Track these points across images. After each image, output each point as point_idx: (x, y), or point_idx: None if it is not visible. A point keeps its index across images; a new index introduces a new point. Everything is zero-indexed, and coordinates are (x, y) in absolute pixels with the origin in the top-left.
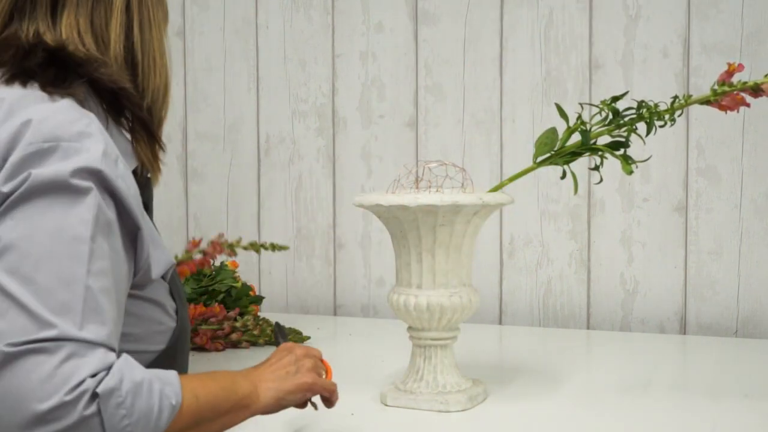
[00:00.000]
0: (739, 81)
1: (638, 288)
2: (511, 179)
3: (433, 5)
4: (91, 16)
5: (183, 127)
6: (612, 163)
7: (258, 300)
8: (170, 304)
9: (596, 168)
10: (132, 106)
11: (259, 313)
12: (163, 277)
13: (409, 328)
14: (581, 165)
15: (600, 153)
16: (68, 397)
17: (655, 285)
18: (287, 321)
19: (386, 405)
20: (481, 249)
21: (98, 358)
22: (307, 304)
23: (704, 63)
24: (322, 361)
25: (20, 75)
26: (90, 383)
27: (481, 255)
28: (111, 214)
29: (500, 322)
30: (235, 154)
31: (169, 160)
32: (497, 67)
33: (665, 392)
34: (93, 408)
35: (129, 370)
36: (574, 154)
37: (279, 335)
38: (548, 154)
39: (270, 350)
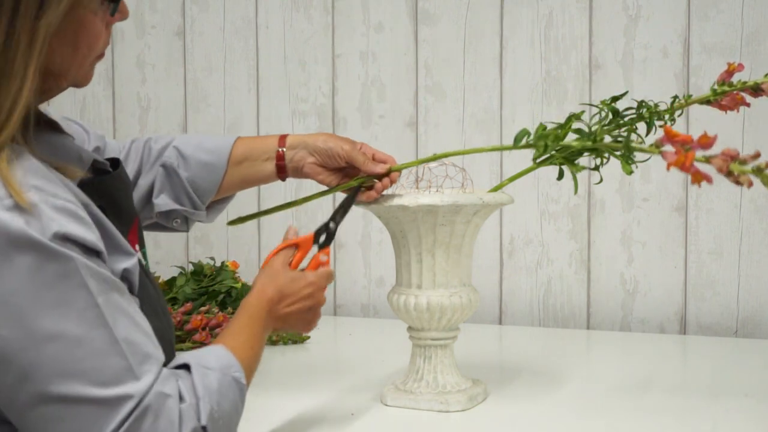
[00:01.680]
0: (739, 81)
1: (638, 288)
2: (511, 179)
3: (433, 5)
4: None
5: (183, 127)
6: (612, 164)
7: None
8: None
9: (596, 168)
10: None
11: None
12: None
13: (409, 328)
14: (582, 165)
15: (601, 153)
16: None
17: (655, 285)
18: None
19: (386, 405)
20: (481, 249)
21: (173, 387)
22: None
23: (704, 63)
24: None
25: None
26: (191, 420)
27: (481, 255)
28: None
29: (500, 322)
30: None
31: None
32: (497, 67)
33: (665, 392)
34: None
35: (202, 381)
36: (574, 154)
37: (340, 211)
38: (548, 155)
39: (273, 349)
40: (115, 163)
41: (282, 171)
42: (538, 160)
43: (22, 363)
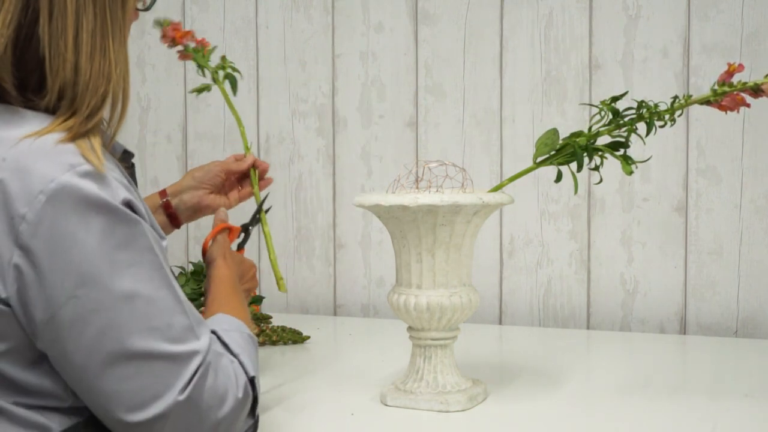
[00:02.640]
0: (739, 81)
1: (638, 288)
2: (511, 179)
3: (433, 5)
4: None
5: (183, 127)
6: (612, 164)
7: (258, 300)
8: None
9: (596, 168)
10: (13, 100)
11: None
12: None
13: (409, 328)
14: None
15: (600, 153)
16: (240, 394)
17: (655, 285)
18: (287, 321)
19: (386, 405)
20: (481, 249)
21: (221, 347)
22: (307, 304)
23: (704, 63)
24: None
25: None
26: (242, 374)
27: (481, 255)
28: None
29: (500, 322)
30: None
31: (170, 160)
32: (497, 67)
33: (665, 392)
34: (252, 389)
35: (232, 340)
36: (574, 154)
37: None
38: (548, 155)
39: (273, 349)
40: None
41: (175, 219)
42: (538, 160)
43: (99, 323)
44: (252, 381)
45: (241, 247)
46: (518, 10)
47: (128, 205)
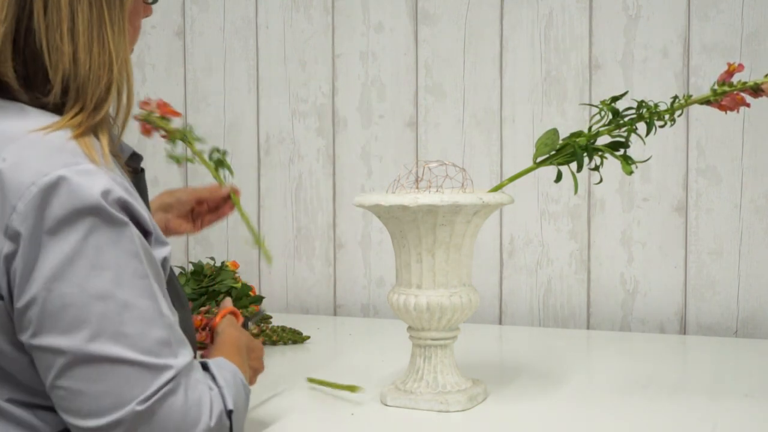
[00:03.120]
0: (739, 81)
1: (638, 288)
2: (511, 179)
3: (433, 5)
4: None
5: (183, 127)
6: (612, 163)
7: (258, 300)
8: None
9: (596, 168)
10: (20, 97)
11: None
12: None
13: (409, 328)
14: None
15: (600, 153)
16: (212, 423)
17: (655, 285)
18: (287, 321)
19: (386, 405)
20: (481, 249)
21: (201, 374)
22: (307, 304)
23: (704, 63)
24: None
25: None
26: (219, 403)
27: (481, 255)
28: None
29: (500, 322)
30: (235, 154)
31: (170, 160)
32: (497, 67)
33: (665, 392)
34: (228, 423)
35: (220, 373)
36: (574, 154)
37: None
38: (548, 155)
39: (274, 349)
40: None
41: None
42: (538, 160)
43: (68, 319)
44: (230, 414)
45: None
46: (518, 10)
47: (122, 205)
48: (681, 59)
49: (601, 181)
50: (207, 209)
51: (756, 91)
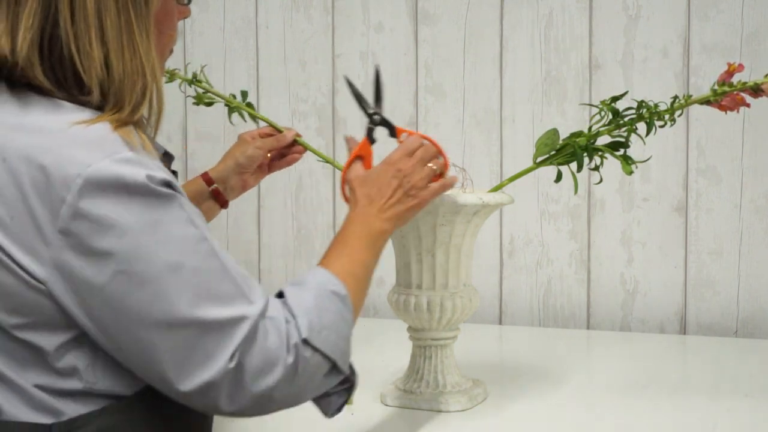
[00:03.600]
0: (739, 81)
1: (638, 288)
2: (511, 179)
3: (433, 5)
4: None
5: (183, 127)
6: (612, 164)
7: None
8: None
9: (596, 168)
10: (50, 92)
11: None
12: None
13: (409, 328)
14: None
15: (600, 153)
16: (290, 359)
17: (655, 285)
18: None
19: (386, 405)
20: (481, 249)
21: (278, 311)
22: None
23: (704, 63)
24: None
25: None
26: (294, 336)
27: (481, 255)
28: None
29: (500, 322)
30: None
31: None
32: (497, 67)
33: (665, 392)
34: (309, 350)
35: (296, 300)
36: (574, 154)
37: (362, 103)
38: (548, 155)
39: None
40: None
41: (224, 202)
42: (538, 160)
43: (146, 295)
44: (306, 341)
45: (393, 134)
46: (518, 10)
47: (166, 184)
48: (681, 59)
49: (600, 180)
50: (272, 158)
51: (756, 91)
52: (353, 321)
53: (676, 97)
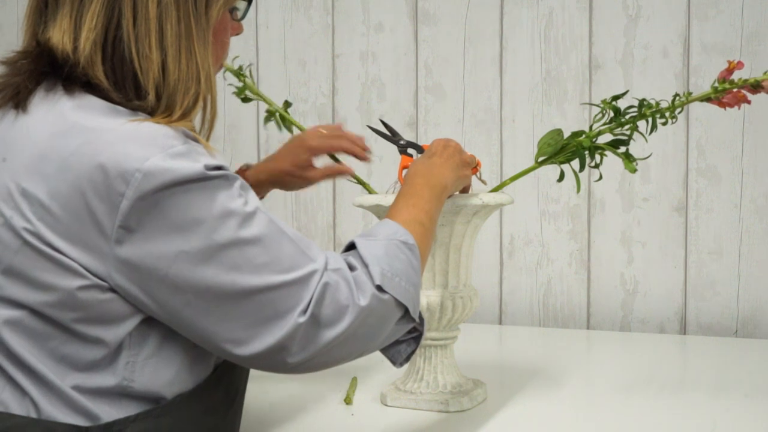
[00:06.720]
0: (740, 78)
1: (638, 288)
2: (512, 179)
3: (433, 5)
4: (73, 13)
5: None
6: (612, 164)
7: None
8: None
9: (596, 166)
10: (108, 92)
11: None
12: None
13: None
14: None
15: (601, 151)
16: (364, 302)
17: (655, 285)
18: None
19: (386, 405)
20: (481, 249)
21: (343, 262)
22: None
23: (704, 63)
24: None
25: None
26: (368, 283)
27: (481, 255)
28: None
29: (500, 322)
30: (235, 154)
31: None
32: (497, 67)
33: (665, 392)
34: (383, 296)
35: (367, 250)
36: (575, 153)
37: (390, 133)
38: (548, 155)
39: None
40: None
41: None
42: (539, 160)
43: (212, 271)
44: (379, 288)
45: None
46: (518, 10)
47: (220, 168)
48: (681, 59)
49: (600, 178)
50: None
51: (756, 88)
52: (421, 270)
53: (677, 94)
